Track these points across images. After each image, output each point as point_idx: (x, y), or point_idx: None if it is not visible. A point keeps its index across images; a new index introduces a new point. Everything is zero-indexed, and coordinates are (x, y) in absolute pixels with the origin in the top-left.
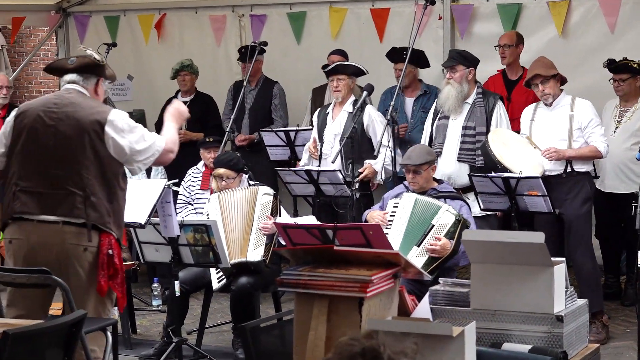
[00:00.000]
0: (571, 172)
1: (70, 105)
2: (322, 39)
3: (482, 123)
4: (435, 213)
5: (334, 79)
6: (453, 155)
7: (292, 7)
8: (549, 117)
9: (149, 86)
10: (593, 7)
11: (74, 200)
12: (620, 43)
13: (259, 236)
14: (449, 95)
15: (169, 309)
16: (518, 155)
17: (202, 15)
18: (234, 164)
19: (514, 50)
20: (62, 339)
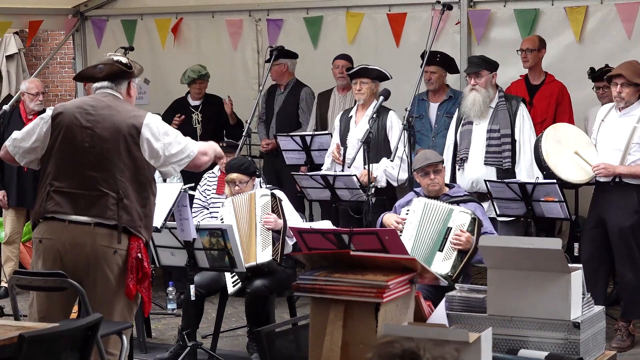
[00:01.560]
0: (619, 182)
1: (107, 108)
2: (339, 44)
3: (507, 125)
4: (450, 216)
5: (357, 82)
6: (480, 159)
7: (308, 11)
8: (616, 123)
9: (165, 90)
10: (610, 12)
11: (107, 202)
12: (638, 48)
13: (265, 236)
14: (474, 101)
15: (184, 313)
16: (570, 155)
17: (219, 19)
18: (245, 168)
19: (536, 55)
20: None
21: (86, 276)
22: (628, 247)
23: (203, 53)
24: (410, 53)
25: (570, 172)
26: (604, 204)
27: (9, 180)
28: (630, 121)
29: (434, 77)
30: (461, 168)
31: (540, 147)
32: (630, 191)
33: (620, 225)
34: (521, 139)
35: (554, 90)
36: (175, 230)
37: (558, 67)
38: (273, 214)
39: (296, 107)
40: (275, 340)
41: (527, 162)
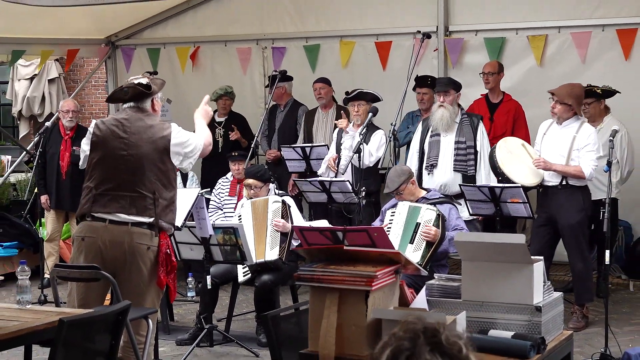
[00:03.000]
0: (566, 184)
1: (140, 120)
2: (334, 68)
3: (471, 138)
4: (418, 213)
5: (355, 104)
6: (448, 166)
7: (307, 40)
8: (558, 134)
9: (184, 108)
10: (567, 40)
11: (144, 201)
12: (590, 71)
13: (274, 237)
14: (442, 116)
15: (202, 300)
16: (520, 163)
17: (231, 47)
18: (260, 175)
19: (496, 77)
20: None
21: (122, 270)
22: (577, 241)
23: (217, 77)
24: (395, 76)
25: (523, 177)
26: (554, 204)
27: (50, 186)
28: (570, 132)
29: (426, 98)
30: (430, 173)
31: (496, 157)
32: (576, 192)
33: (570, 222)
34: (481, 150)
35: (511, 108)
36: (193, 229)
37: (522, 88)
38: (282, 219)
39: (295, 123)
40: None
41: (486, 170)
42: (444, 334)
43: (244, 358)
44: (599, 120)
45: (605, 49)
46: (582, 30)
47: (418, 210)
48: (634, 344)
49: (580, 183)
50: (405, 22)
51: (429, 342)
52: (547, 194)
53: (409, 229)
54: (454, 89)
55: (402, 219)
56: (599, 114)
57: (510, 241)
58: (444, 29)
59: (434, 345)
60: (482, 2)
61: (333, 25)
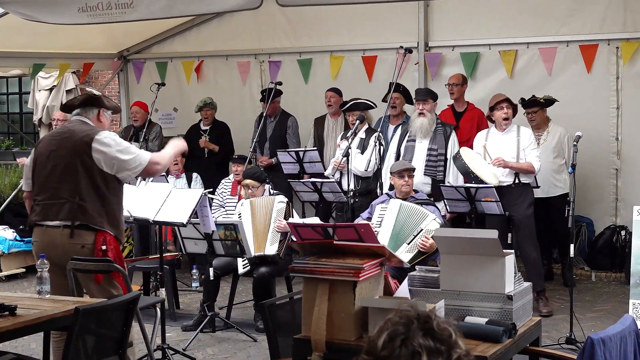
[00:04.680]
0: (518, 183)
1: (68, 132)
2: (325, 80)
3: (442, 146)
4: (424, 219)
5: (350, 114)
6: (420, 170)
7: (301, 55)
8: (501, 140)
9: (189, 117)
10: (534, 54)
11: (69, 207)
12: (555, 83)
13: (275, 235)
14: (422, 124)
15: (205, 290)
16: (482, 166)
17: (232, 61)
18: (257, 176)
19: (460, 88)
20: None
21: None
22: (530, 232)
23: (219, 88)
24: (380, 87)
25: (490, 178)
26: (508, 200)
27: None
28: (512, 136)
29: (398, 102)
30: None
31: (466, 163)
32: (527, 189)
33: (523, 215)
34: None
35: (474, 115)
36: (197, 225)
37: None
38: (284, 220)
39: (284, 132)
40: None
41: (453, 175)
42: (436, 320)
43: (243, 342)
44: (544, 127)
45: (569, 62)
46: (549, 46)
47: (425, 216)
48: (596, 329)
49: (529, 179)
50: (389, 38)
51: (422, 328)
52: (502, 193)
53: (408, 229)
54: (432, 99)
55: (392, 215)
56: (544, 121)
57: (484, 236)
58: (424, 44)
59: (427, 330)
60: (459, 21)
61: (324, 41)
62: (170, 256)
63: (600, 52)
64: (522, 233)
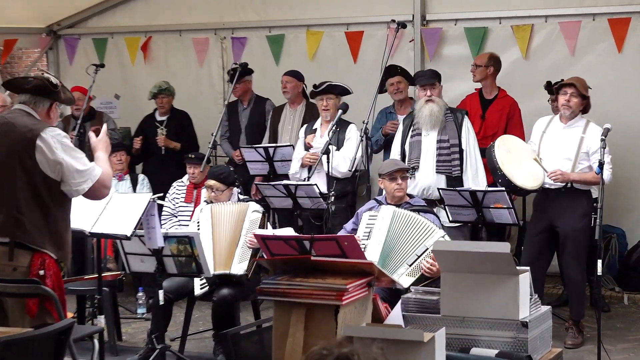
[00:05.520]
0: (570, 187)
1: (6, 124)
2: (300, 60)
3: (455, 136)
4: (429, 235)
5: (324, 98)
6: (431, 168)
7: (271, 30)
8: (561, 134)
9: (135, 105)
10: (554, 30)
11: (3, 219)
12: (579, 65)
13: (245, 250)
14: (432, 112)
15: (153, 317)
16: (520, 164)
17: (186, 37)
18: (224, 177)
19: (482, 71)
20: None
21: None
22: (578, 250)
23: (171, 70)
24: (367, 69)
25: (525, 179)
26: (555, 209)
27: None
28: (576, 132)
29: (402, 86)
30: (412, 176)
31: (495, 157)
32: (580, 196)
33: (573, 228)
34: (467, 148)
35: (505, 105)
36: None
37: (505, 82)
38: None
39: (263, 120)
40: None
41: (473, 170)
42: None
43: None
44: None
45: (597, 40)
46: (571, 20)
47: (431, 232)
48: None
49: (585, 186)
50: (378, 10)
51: None
52: (548, 198)
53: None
54: (439, 81)
55: (384, 225)
56: None
57: (493, 250)
58: (421, 17)
59: None
60: None
61: (299, 13)
62: (110, 276)
63: (634, 26)
64: (568, 251)
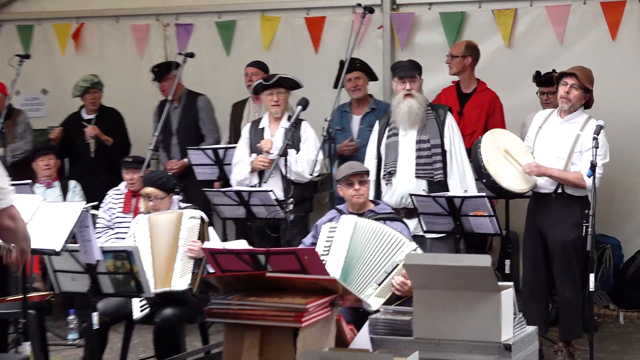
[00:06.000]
0: (562, 193)
1: None
2: (254, 50)
3: (436, 135)
4: (399, 248)
5: (274, 92)
6: (410, 172)
7: (220, 15)
8: (557, 130)
9: (65, 101)
10: (540, 15)
11: None
12: (569, 54)
13: (185, 263)
14: (411, 108)
15: (87, 343)
16: (509, 163)
17: (124, 24)
18: (163, 183)
19: (459, 62)
20: None
21: None
22: (569, 263)
23: (106, 61)
24: (330, 59)
25: (512, 181)
26: (544, 216)
27: None
28: (573, 128)
29: (360, 83)
30: (389, 182)
31: (480, 154)
32: (574, 204)
33: (563, 239)
34: (452, 149)
35: (485, 99)
36: (77, 253)
37: (486, 73)
38: (198, 240)
39: (196, 120)
40: None
41: (459, 174)
42: None
43: None
44: None
45: (588, 26)
46: (560, 4)
47: (400, 244)
48: None
49: (580, 192)
50: None
51: None
52: (539, 204)
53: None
54: (419, 74)
55: (345, 236)
56: None
57: (472, 264)
58: (391, 1)
59: None
60: None
61: None
62: (37, 297)
63: (630, 10)
64: (558, 263)
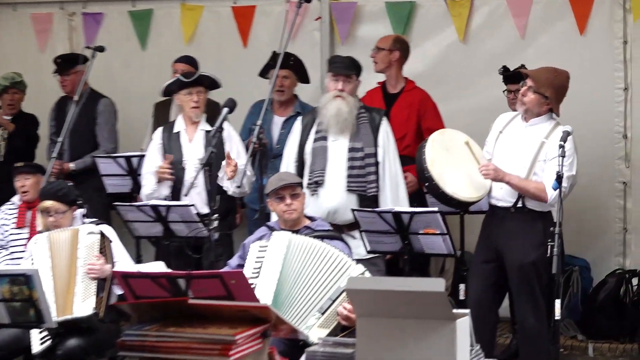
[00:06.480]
0: (522, 207)
1: None
2: (173, 44)
3: (370, 143)
4: (344, 271)
5: (194, 92)
6: (339, 184)
7: (135, 4)
8: (519, 136)
9: None
10: (500, 6)
11: None
12: (532, 49)
13: (87, 285)
14: (339, 111)
15: None
16: (457, 167)
17: (22, 13)
18: (63, 194)
19: (385, 56)
20: None
21: None
22: (529, 287)
23: (2, 55)
24: (261, 54)
25: (458, 187)
26: (501, 233)
27: None
28: (537, 135)
29: (287, 83)
30: (315, 193)
31: (424, 154)
32: (535, 220)
33: (522, 260)
34: (386, 160)
35: (414, 99)
36: None
37: (439, 71)
38: (101, 258)
39: (93, 124)
40: None
41: (392, 188)
42: None
43: None
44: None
45: (553, 18)
46: None
47: (345, 267)
48: None
49: (543, 207)
50: None
51: None
52: (494, 219)
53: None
54: (357, 75)
55: (277, 257)
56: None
57: (424, 289)
58: None
59: None
60: None
61: None
62: None
63: (600, 2)
64: (518, 287)
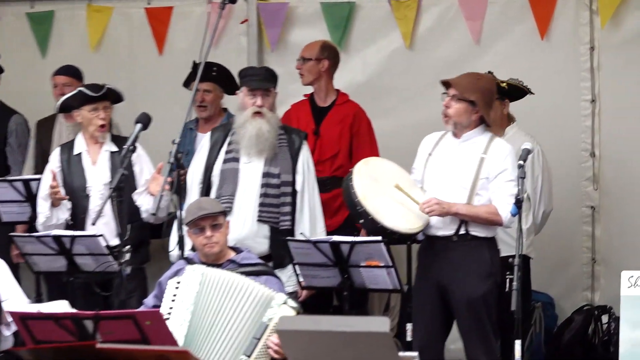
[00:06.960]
0: (465, 234)
1: None
2: (78, 50)
3: (288, 169)
4: (268, 307)
5: (100, 107)
6: (250, 213)
7: (33, 4)
8: (453, 154)
9: None
10: (451, 8)
11: None
12: (487, 56)
13: None
14: (259, 132)
15: None
16: (392, 197)
17: None
18: None
19: (313, 66)
20: None
21: None
22: (479, 323)
23: None
24: (178, 62)
25: (399, 219)
26: (443, 266)
27: None
28: (474, 151)
29: (209, 98)
30: None
31: (353, 188)
32: (480, 247)
33: (470, 295)
34: (305, 189)
35: (347, 114)
36: None
37: (381, 82)
38: None
39: (2, 144)
40: None
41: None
42: None
43: None
44: (499, 132)
45: (511, 22)
46: None
47: (268, 301)
48: None
49: (487, 233)
50: None
51: None
52: (434, 250)
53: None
54: (275, 86)
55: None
56: (500, 121)
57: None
58: None
59: None
60: None
61: None
62: None
63: (563, 4)
64: (469, 325)
